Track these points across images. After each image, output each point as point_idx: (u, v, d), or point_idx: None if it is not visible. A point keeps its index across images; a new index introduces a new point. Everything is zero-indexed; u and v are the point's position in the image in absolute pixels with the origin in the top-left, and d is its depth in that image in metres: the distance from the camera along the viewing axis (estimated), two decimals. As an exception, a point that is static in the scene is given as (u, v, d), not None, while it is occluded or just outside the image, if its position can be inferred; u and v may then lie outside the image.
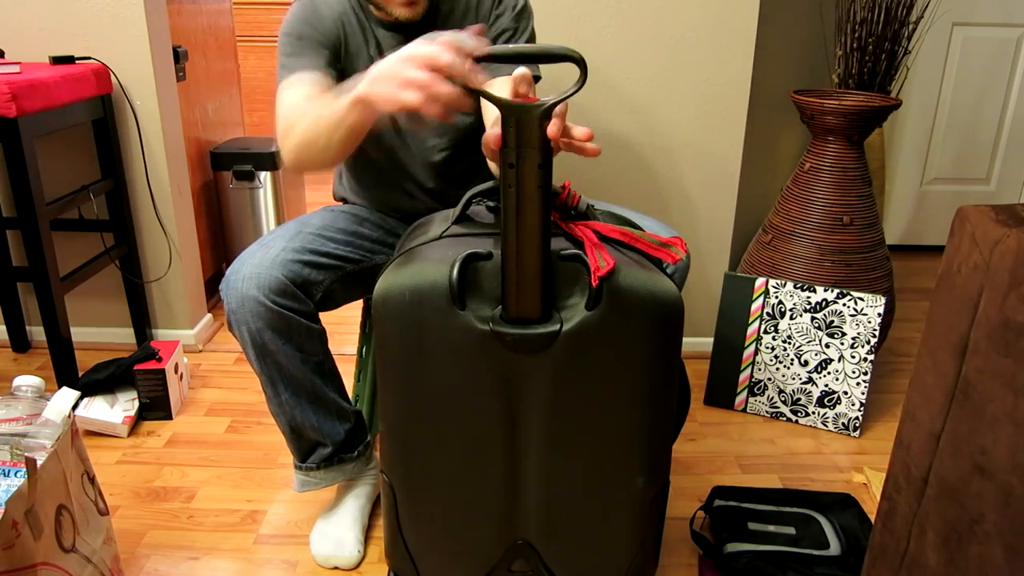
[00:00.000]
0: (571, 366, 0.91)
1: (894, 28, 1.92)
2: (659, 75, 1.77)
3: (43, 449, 0.99)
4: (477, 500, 1.00)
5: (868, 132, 1.72)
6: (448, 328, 0.90)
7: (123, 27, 1.75)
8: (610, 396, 0.94)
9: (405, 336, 0.92)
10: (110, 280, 1.96)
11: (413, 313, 0.90)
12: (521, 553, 1.04)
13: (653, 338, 0.92)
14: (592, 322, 0.90)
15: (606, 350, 0.91)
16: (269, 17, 3.76)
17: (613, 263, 0.89)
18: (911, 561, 0.82)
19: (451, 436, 0.96)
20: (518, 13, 1.28)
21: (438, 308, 0.90)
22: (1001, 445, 0.69)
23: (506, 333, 0.90)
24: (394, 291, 0.91)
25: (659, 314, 0.91)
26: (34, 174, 1.53)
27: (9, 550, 0.88)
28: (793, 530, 1.32)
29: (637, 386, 0.94)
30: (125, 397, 1.68)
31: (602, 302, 0.89)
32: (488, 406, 0.94)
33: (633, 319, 0.90)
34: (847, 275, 1.74)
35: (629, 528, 1.03)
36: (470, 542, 1.04)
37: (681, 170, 1.85)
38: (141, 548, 1.31)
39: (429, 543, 1.05)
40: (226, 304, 1.12)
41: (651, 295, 0.91)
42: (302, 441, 1.25)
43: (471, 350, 0.91)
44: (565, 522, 1.01)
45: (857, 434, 1.67)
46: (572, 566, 1.06)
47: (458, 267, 0.89)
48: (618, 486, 0.99)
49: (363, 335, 1.55)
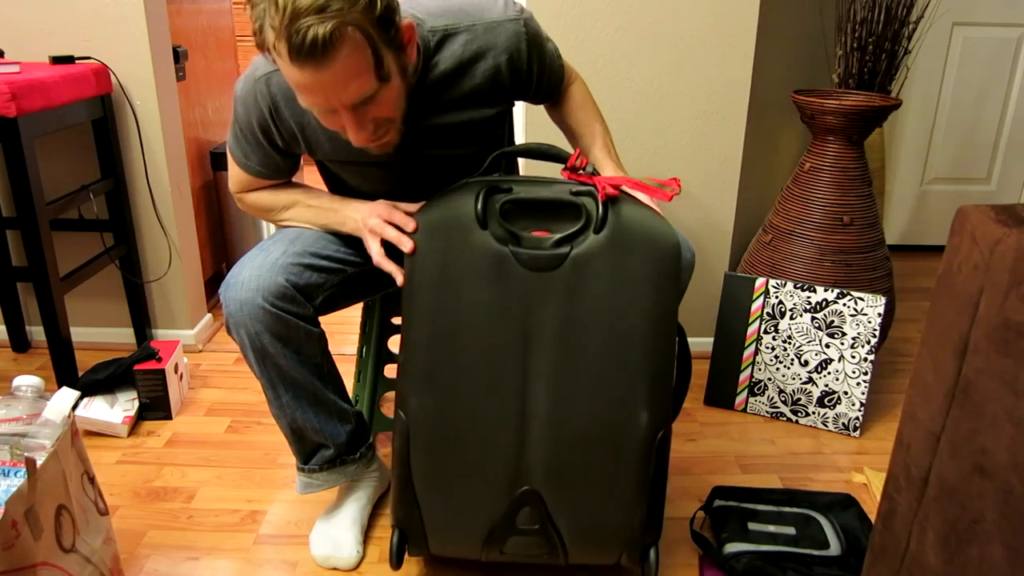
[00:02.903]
0: (578, 287, 1.04)
1: (894, 28, 1.92)
2: (659, 75, 1.77)
3: (43, 449, 0.99)
4: (489, 434, 1.06)
5: (868, 132, 1.72)
6: (472, 247, 1.04)
7: (123, 27, 1.75)
8: (613, 320, 1.04)
9: (435, 258, 1.04)
10: (110, 280, 1.96)
11: (443, 235, 1.04)
12: (527, 501, 1.08)
13: (651, 268, 1.04)
14: (598, 246, 1.03)
15: (609, 274, 1.04)
16: (269, 17, 3.75)
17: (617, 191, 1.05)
18: (911, 561, 0.82)
19: (469, 358, 1.05)
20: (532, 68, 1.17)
21: (464, 228, 1.04)
22: (1001, 445, 0.69)
23: (522, 252, 1.03)
24: (426, 219, 1.05)
25: (656, 248, 1.04)
26: (34, 174, 1.53)
27: (9, 550, 0.88)
28: (793, 530, 1.32)
29: (637, 313, 1.04)
30: (125, 397, 1.68)
31: (607, 230, 1.03)
32: (504, 326, 1.04)
33: (634, 249, 1.04)
34: (847, 275, 1.74)
35: (633, 474, 1.08)
36: (479, 485, 1.08)
37: (681, 170, 1.85)
38: (141, 548, 1.31)
39: (438, 487, 1.09)
40: (225, 308, 1.12)
41: (650, 231, 1.04)
42: (304, 443, 1.25)
43: (491, 268, 1.04)
44: (571, 464, 1.07)
45: (857, 434, 1.67)
46: (577, 520, 1.10)
47: (483, 193, 1.04)
48: (621, 421, 1.06)
49: (363, 335, 1.55)
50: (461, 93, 1.11)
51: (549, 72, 1.22)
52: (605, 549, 1.12)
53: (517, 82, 1.16)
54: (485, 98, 1.13)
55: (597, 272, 1.03)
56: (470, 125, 1.15)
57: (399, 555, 1.15)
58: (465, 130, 1.15)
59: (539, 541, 1.11)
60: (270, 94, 1.09)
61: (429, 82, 1.08)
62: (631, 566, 1.17)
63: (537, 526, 1.09)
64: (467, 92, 1.11)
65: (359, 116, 0.97)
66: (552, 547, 1.11)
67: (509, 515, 1.09)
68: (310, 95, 0.93)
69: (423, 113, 1.10)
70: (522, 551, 1.12)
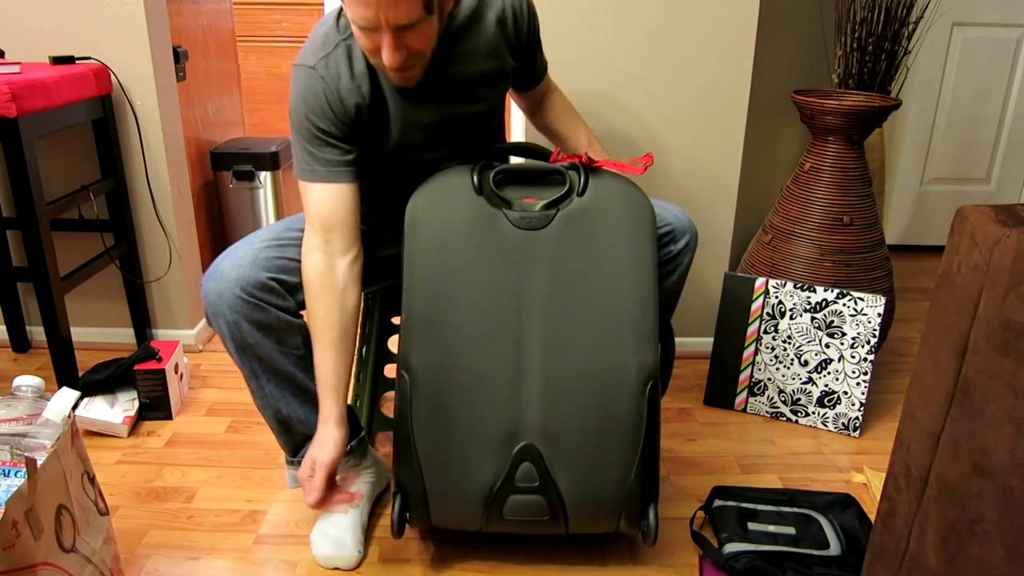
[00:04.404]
0: (565, 244, 1.16)
1: (894, 28, 1.92)
2: (659, 75, 1.77)
3: (43, 449, 0.99)
4: (487, 387, 1.13)
5: (868, 132, 1.72)
6: (469, 212, 1.16)
7: (123, 27, 1.75)
8: (598, 271, 1.16)
9: (434, 223, 1.16)
10: (110, 280, 1.96)
11: (442, 202, 1.17)
12: (526, 456, 1.13)
13: (627, 222, 1.18)
14: (581, 206, 1.18)
15: (592, 229, 1.17)
16: (269, 17, 3.76)
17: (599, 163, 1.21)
18: (911, 561, 0.82)
19: (468, 313, 1.14)
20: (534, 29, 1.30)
21: (462, 195, 1.17)
22: (1001, 445, 0.69)
23: (513, 213, 1.17)
24: (426, 190, 1.18)
25: (632, 206, 1.18)
26: (34, 174, 1.53)
27: (9, 550, 0.88)
28: (793, 530, 1.32)
29: (620, 264, 1.16)
30: (125, 397, 1.68)
31: (588, 192, 1.18)
32: (500, 282, 1.14)
33: (612, 208, 1.18)
34: (847, 275, 1.74)
35: (626, 424, 1.14)
36: (478, 443, 1.12)
37: (681, 170, 1.85)
38: (141, 548, 1.31)
39: (439, 446, 1.13)
40: (204, 299, 1.15)
41: (626, 192, 1.20)
42: (291, 434, 1.26)
43: (485, 229, 1.15)
44: (566, 414, 1.13)
45: (857, 434, 1.67)
46: (574, 477, 1.13)
47: (479, 165, 1.19)
48: (612, 372, 1.14)
49: (363, 335, 1.55)
50: (474, 45, 1.21)
51: (541, 50, 1.36)
52: (604, 510, 1.15)
53: (519, 39, 1.27)
54: (492, 52, 1.24)
55: (581, 229, 1.16)
56: (479, 79, 1.24)
57: (400, 523, 1.18)
58: (475, 83, 1.24)
59: (539, 502, 1.14)
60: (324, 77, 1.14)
61: (450, 34, 1.18)
62: (631, 532, 1.20)
63: (536, 483, 1.13)
64: (480, 44, 1.22)
65: (397, 39, 1.04)
66: (553, 510, 1.14)
67: (509, 472, 1.13)
68: (363, 8, 1.01)
69: (441, 63, 1.19)
70: (523, 514, 1.15)
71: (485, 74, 1.24)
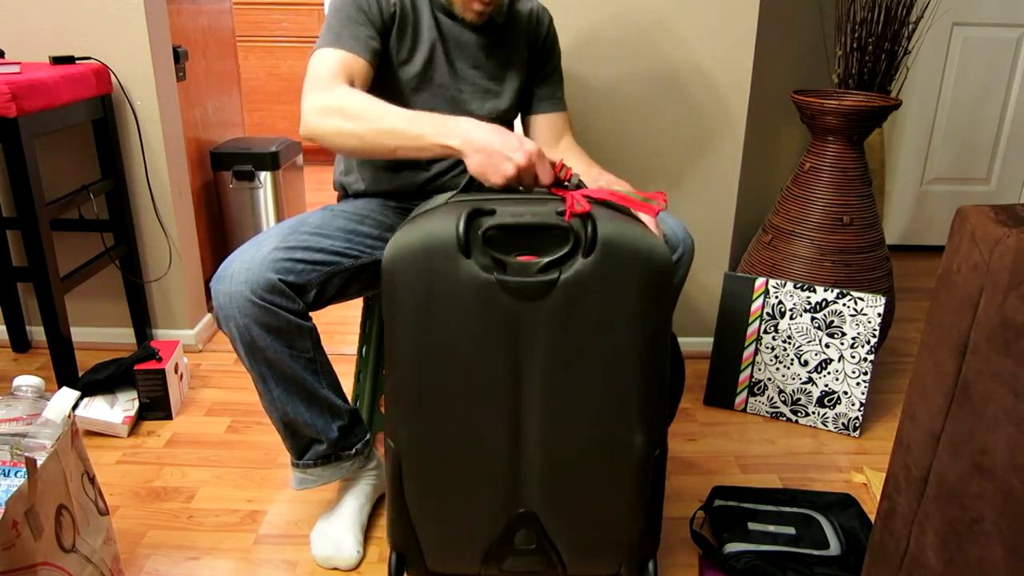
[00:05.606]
0: (568, 314, 0.98)
1: (894, 28, 1.92)
2: (659, 75, 1.77)
3: (43, 449, 0.99)
4: (482, 460, 1.04)
5: (868, 132, 1.72)
6: (455, 276, 0.97)
7: (123, 27, 1.75)
8: (605, 346, 1.00)
9: (415, 287, 0.97)
10: (110, 280, 1.96)
11: (423, 264, 0.97)
12: (524, 522, 1.07)
13: (642, 290, 0.98)
14: (587, 271, 0.97)
15: (600, 299, 0.98)
16: (269, 17, 3.76)
17: (588, 208, 0.98)
18: (911, 561, 0.82)
19: (457, 388, 1.01)
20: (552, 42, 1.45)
21: (446, 256, 0.96)
22: (1001, 445, 0.69)
23: (509, 280, 0.97)
24: (404, 245, 0.98)
25: (648, 268, 0.98)
26: (34, 174, 1.53)
27: (9, 550, 0.88)
28: (793, 530, 1.32)
29: (629, 337, 1.00)
30: (125, 397, 1.68)
31: (596, 253, 0.97)
32: (492, 356, 0.99)
33: (624, 271, 0.97)
34: (847, 275, 1.74)
35: (630, 494, 1.06)
36: (474, 510, 1.07)
37: (681, 170, 1.85)
38: (141, 548, 1.31)
39: (433, 514, 1.08)
40: (214, 301, 1.13)
41: (641, 250, 0.98)
42: (297, 438, 1.26)
43: (476, 298, 0.97)
44: (567, 486, 1.05)
45: (857, 434, 1.67)
46: (575, 539, 1.08)
47: (465, 218, 0.96)
48: (617, 443, 1.04)
49: (363, 335, 1.55)
50: (513, 22, 1.37)
51: (559, 74, 1.47)
52: (603, 564, 1.12)
53: (536, 41, 1.40)
54: (521, 37, 1.38)
55: (587, 297, 0.98)
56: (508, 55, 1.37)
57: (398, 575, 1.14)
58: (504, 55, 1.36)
59: (537, 559, 1.10)
60: None
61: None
62: None
63: (534, 546, 1.08)
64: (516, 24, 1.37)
65: None
66: (551, 564, 1.11)
67: (506, 536, 1.08)
68: None
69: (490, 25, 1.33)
70: (521, 568, 1.11)
71: (513, 52, 1.36)
